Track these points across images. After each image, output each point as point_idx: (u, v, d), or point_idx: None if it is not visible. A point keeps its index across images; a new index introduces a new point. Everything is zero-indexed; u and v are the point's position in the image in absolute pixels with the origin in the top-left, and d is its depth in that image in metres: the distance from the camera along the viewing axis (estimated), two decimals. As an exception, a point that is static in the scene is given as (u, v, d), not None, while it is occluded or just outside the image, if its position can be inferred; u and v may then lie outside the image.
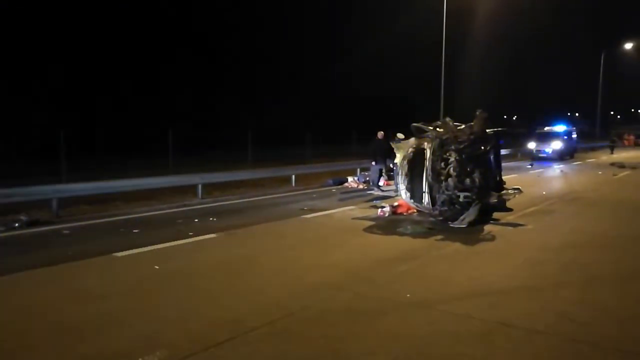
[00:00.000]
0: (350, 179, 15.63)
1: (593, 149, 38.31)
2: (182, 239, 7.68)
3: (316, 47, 55.25)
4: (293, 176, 15.63)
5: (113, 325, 4.29)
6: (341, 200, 12.21)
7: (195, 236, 7.87)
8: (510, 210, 9.44)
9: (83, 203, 10.86)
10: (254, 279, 5.64)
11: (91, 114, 32.13)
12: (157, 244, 7.24)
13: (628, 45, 47.04)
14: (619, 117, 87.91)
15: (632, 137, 47.09)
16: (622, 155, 30.40)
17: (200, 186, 12.66)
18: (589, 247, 7.02)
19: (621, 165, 21.74)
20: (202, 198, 12.43)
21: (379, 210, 9.84)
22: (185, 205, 11.45)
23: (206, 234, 7.98)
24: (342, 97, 48.79)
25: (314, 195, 13.16)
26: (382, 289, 5.23)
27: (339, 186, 15.04)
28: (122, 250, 6.85)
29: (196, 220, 9.45)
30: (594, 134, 48.56)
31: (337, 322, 4.32)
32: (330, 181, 15.50)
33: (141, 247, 7.10)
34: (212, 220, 9.46)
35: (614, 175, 18.18)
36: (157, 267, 6.10)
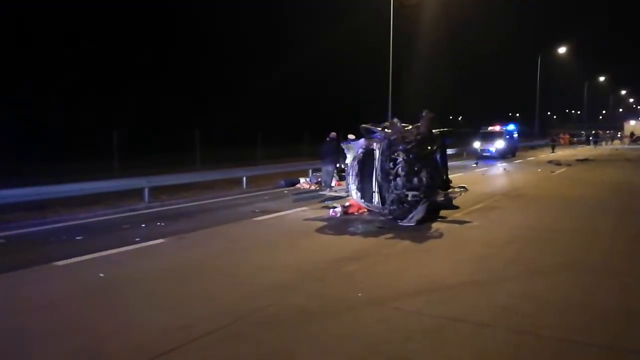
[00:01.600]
0: (302, 180, 15.63)
1: (533, 148, 40.28)
2: (129, 245, 7.41)
3: (266, 46, 54.89)
4: (244, 178, 15.45)
5: (52, 338, 4.07)
6: (293, 201, 12.18)
7: (143, 242, 7.61)
8: (456, 207, 9.73)
9: (20, 210, 10.27)
10: (205, 283, 5.52)
11: (30, 115, 30.46)
12: (101, 251, 6.94)
13: (562, 50, 49.81)
14: (555, 117, 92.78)
15: (567, 137, 49.90)
16: (558, 153, 32.08)
17: (147, 189, 12.27)
18: (530, 241, 7.33)
19: (558, 163, 22.98)
20: (149, 202, 12.05)
21: (331, 210, 9.89)
22: (131, 210, 11.06)
23: (154, 239, 7.74)
24: (293, 98, 48.79)
25: (266, 197, 13.06)
26: (334, 288, 5.24)
27: (291, 187, 15.01)
28: (63, 259, 6.51)
29: (143, 225, 9.14)
30: (533, 133, 51.04)
31: (289, 323, 4.29)
32: (282, 182, 15.44)
33: (84, 254, 6.78)
34: (160, 224, 9.19)
35: (552, 172, 19.15)
36: (101, 275, 5.85)
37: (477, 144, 29.34)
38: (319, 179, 15.00)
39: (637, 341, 3.80)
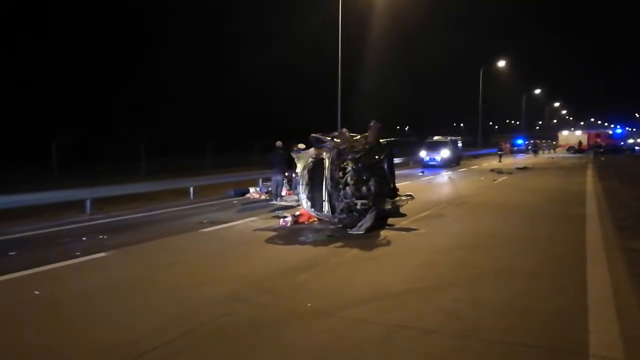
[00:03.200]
0: (252, 189, 15.46)
1: (476, 157, 41.83)
2: (68, 259, 7.04)
3: (215, 55, 54.27)
4: (191, 188, 15.11)
5: (-18, 362, 3.80)
6: (242, 211, 12.03)
7: (83, 256, 7.26)
8: (404, 215, 9.93)
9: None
10: (149, 297, 5.33)
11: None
12: (37, 267, 6.57)
13: (501, 63, 52.35)
14: (496, 127, 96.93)
15: (507, 146, 52.17)
16: (501, 161, 33.46)
17: (89, 201, 11.77)
18: (474, 247, 7.59)
19: (499, 171, 23.99)
20: (91, 214, 11.56)
21: (281, 220, 9.84)
22: (72, 223, 10.55)
23: (96, 253, 7.41)
24: (243, 106, 48.42)
25: (214, 208, 12.83)
26: (284, 299, 5.21)
27: (241, 197, 14.81)
28: (-6, 276, 6.12)
29: (85, 238, 8.74)
30: (476, 142, 53.08)
31: (238, 336, 4.22)
32: (232, 192, 15.22)
33: (18, 271, 6.39)
34: (103, 237, 8.82)
35: (494, 180, 19.96)
36: (37, 292, 5.53)
37: (423, 153, 30.14)
38: (269, 189, 14.90)
39: (572, 341, 3.99)
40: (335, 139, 9.91)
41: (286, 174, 13.91)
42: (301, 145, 11.67)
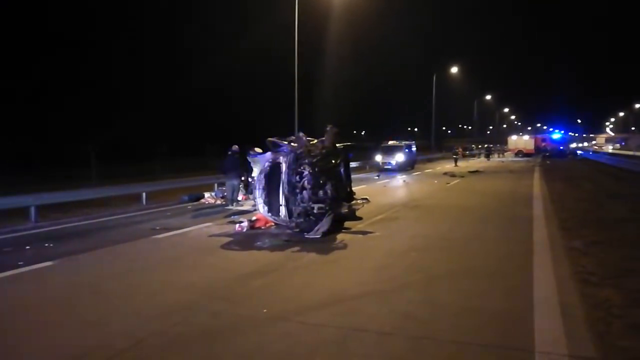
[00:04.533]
0: (206, 194, 15.21)
1: (430, 160, 42.84)
2: (9, 269, 6.68)
3: (168, 58, 53.16)
4: (144, 193, 14.70)
5: None
6: (197, 217, 11.80)
7: (27, 265, 6.91)
8: (360, 219, 10.02)
9: None
10: (98, 308, 5.13)
11: None
12: (-25, 278, 6.20)
13: (454, 69, 53.96)
14: (449, 132, 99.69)
15: (460, 150, 53.76)
16: (452, 165, 34.38)
17: (33, 208, 11.23)
18: (428, 249, 7.75)
19: (452, 175, 24.65)
20: (36, 222, 11.03)
21: (237, 225, 9.72)
22: (15, 231, 10.03)
23: (40, 262, 7.07)
24: (198, 111, 47.60)
25: (168, 214, 12.53)
26: (240, 305, 5.13)
27: (195, 202, 14.54)
28: None
29: (28, 247, 8.33)
30: (430, 147, 54.36)
31: (192, 345, 4.12)
32: (186, 197, 14.90)
33: (-46, 283, 6.02)
34: (49, 245, 8.43)
35: (447, 183, 20.49)
36: (-25, 305, 5.22)
37: (378, 157, 30.57)
38: (225, 193, 14.70)
39: (519, 339, 4.12)
40: (292, 143, 9.90)
41: (242, 178, 13.77)
42: (258, 149, 11.57)
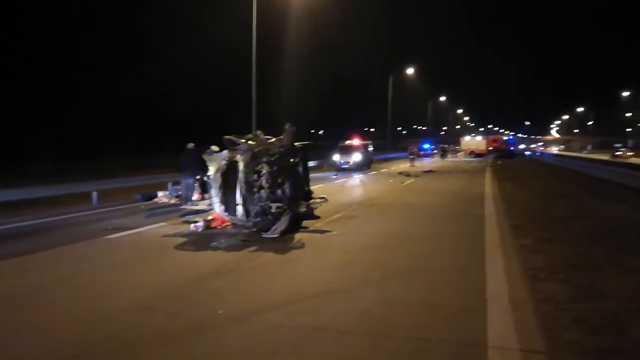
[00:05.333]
0: (160, 193, 14.78)
1: (386, 160, 43.49)
2: (-54, 273, 6.29)
3: (124, 54, 51.41)
4: (95, 192, 14.18)
5: None
6: (151, 216, 11.48)
7: (-35, 269, 6.52)
8: (317, 217, 10.03)
9: None
10: (44, 312, 4.89)
11: None
12: None
13: (410, 71, 55.01)
14: (404, 132, 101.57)
15: (415, 150, 54.90)
16: (408, 165, 35.03)
17: (-27, 208, 10.61)
18: (385, 247, 7.84)
19: (407, 174, 25.12)
20: (-24, 222, 10.42)
21: (192, 225, 9.51)
22: (-49, 232, 9.45)
23: (-19, 265, 6.68)
24: (152, 108, 46.29)
25: (120, 213, 12.12)
26: (196, 307, 5.02)
27: (149, 202, 14.11)
28: None
29: (-33, 249, 7.86)
30: (386, 147, 55.22)
31: (145, 349, 3.99)
32: (139, 196, 14.46)
33: None
34: (-10, 247, 7.98)
35: (402, 183, 20.86)
36: None
37: (336, 157, 30.77)
38: (179, 192, 14.35)
39: (473, 334, 4.22)
40: (249, 142, 9.79)
41: (198, 177, 13.49)
42: (214, 148, 11.38)
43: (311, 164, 21.02)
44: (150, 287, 5.70)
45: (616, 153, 61.39)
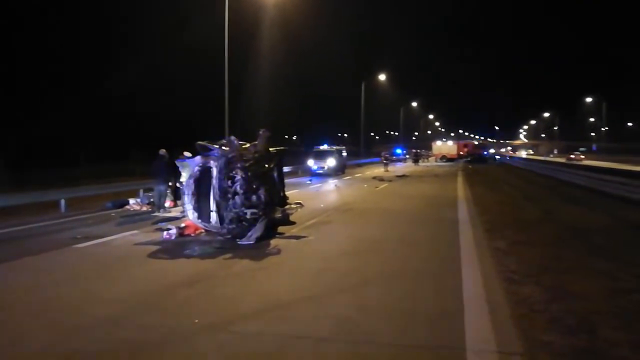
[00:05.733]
0: (132, 200, 14.48)
1: (359, 165, 43.71)
2: None
3: (93, 58, 50.26)
4: (63, 200, 13.76)
5: None
6: (122, 224, 11.19)
7: None
8: (293, 223, 9.96)
9: None
10: (8, 326, 4.68)
11: None
12: None
13: (382, 77, 55.58)
14: (377, 137, 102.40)
15: (388, 155, 55.42)
16: (381, 170, 35.27)
17: None
18: (361, 252, 7.82)
19: (381, 179, 25.30)
20: None
21: (165, 233, 9.31)
22: None
23: (-60, 278, 6.36)
24: (122, 113, 45.35)
25: (90, 221, 11.78)
26: (169, 317, 4.88)
27: (120, 209, 13.79)
28: None
29: None
30: (359, 152, 55.53)
31: (117, 363, 3.85)
32: (109, 204, 14.10)
33: None
34: (-50, 259, 7.62)
35: (376, 187, 20.97)
36: None
37: (311, 162, 30.77)
38: (151, 199, 14.07)
39: (452, 338, 4.23)
40: (223, 147, 9.65)
41: (170, 183, 13.26)
42: (187, 154, 11.19)
43: (286, 169, 20.91)
44: (121, 297, 5.52)
45: (570, 156, 66.60)
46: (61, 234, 9.99)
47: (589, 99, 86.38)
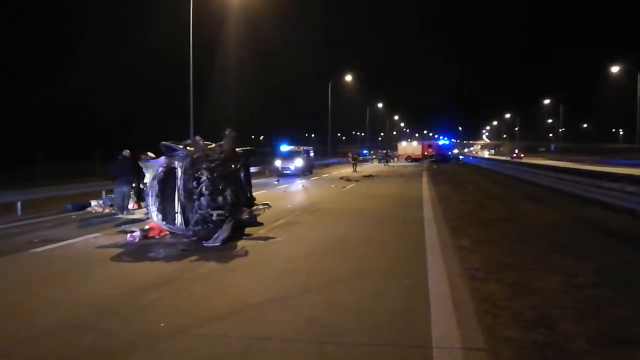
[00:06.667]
0: (93, 202, 14.06)
1: (326, 165, 43.86)
2: None
3: (52, 54, 48.61)
4: (19, 202, 13.23)
5: None
6: (83, 227, 10.85)
7: None
8: (261, 224, 9.90)
9: None
10: (-39, 336, 4.46)
11: None
12: None
13: (348, 77, 55.98)
14: (344, 138, 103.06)
15: (353, 155, 55.89)
16: (348, 170, 35.49)
17: None
18: (328, 252, 7.84)
19: (348, 179, 25.45)
20: None
21: (128, 235, 9.09)
22: None
23: None
24: (84, 113, 44.05)
25: (49, 224, 11.37)
26: (133, 321, 4.76)
27: (81, 211, 13.37)
28: None
29: None
30: (327, 152, 55.73)
31: (78, 370, 3.72)
32: (70, 206, 13.64)
33: None
34: None
35: (343, 187, 21.08)
36: None
37: (278, 162, 30.65)
38: (111, 202, 13.70)
39: (418, 336, 4.29)
40: (188, 147, 9.49)
41: (133, 184, 12.95)
42: (151, 154, 10.97)
43: (253, 169, 20.76)
44: (81, 302, 5.35)
45: (513, 155, 77.07)
46: (17, 237, 9.61)
47: (546, 101, 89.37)
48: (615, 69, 48.69)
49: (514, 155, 76.73)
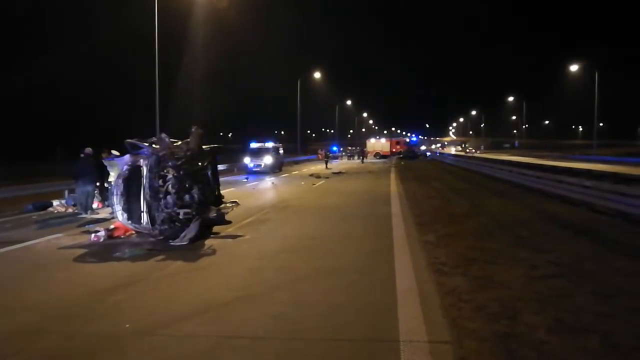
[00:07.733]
0: (55, 202, 13.65)
1: (296, 163, 43.82)
2: None
3: (5, 51, 46.76)
4: (-24, 203, 12.71)
5: None
6: (44, 228, 10.52)
7: None
8: (229, 222, 9.83)
9: None
10: None
11: None
12: None
13: (317, 75, 56.02)
14: (313, 135, 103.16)
15: (323, 152, 56.07)
16: (318, 167, 35.56)
17: None
18: (297, 249, 7.85)
19: (318, 176, 25.52)
20: None
21: (93, 235, 8.87)
22: None
23: None
24: (42, 109, 42.61)
25: (8, 225, 10.97)
26: (97, 323, 4.66)
27: (42, 212, 12.96)
28: None
29: None
30: (296, 149, 55.69)
31: (39, 375, 3.62)
32: (30, 206, 13.19)
33: None
34: None
35: (313, 184, 21.12)
36: None
37: (247, 160, 30.44)
38: (73, 202, 13.33)
39: (385, 330, 4.35)
40: (154, 145, 9.32)
41: (97, 183, 12.65)
42: (115, 152, 10.72)
43: (221, 167, 20.56)
44: (42, 305, 5.20)
45: (467, 150, 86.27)
46: (-26, 239, 9.24)
47: (510, 98, 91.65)
48: (574, 67, 50.30)
49: (467, 150, 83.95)
